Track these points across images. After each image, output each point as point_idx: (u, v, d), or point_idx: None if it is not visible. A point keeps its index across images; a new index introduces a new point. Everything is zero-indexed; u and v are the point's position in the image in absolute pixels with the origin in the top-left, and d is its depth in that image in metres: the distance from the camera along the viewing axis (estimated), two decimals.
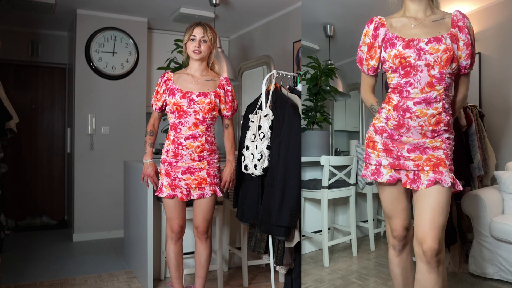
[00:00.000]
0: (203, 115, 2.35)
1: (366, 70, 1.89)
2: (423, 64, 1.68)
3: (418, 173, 1.74)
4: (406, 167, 1.75)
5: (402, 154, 1.76)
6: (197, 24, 2.40)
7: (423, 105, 1.69)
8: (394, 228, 1.89)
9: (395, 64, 1.73)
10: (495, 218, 2.90)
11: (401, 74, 1.72)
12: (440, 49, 1.67)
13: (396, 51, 1.71)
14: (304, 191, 3.54)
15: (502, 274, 2.86)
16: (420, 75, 1.68)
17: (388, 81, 1.80)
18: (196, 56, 2.38)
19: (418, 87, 1.69)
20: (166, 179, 2.39)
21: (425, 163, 1.72)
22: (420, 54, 1.68)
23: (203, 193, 2.41)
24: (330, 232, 3.92)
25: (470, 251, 3.06)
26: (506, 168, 3.22)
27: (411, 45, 1.69)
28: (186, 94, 2.35)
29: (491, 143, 3.58)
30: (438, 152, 1.72)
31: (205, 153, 2.39)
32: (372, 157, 1.83)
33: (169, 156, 2.38)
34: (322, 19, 4.27)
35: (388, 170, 1.79)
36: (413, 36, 1.72)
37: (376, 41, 1.80)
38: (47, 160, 5.53)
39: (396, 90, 1.75)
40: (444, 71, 1.68)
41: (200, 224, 2.46)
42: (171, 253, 2.50)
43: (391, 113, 1.75)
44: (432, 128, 1.70)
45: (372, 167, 1.83)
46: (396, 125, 1.74)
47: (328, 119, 4.03)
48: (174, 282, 2.54)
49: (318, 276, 3.10)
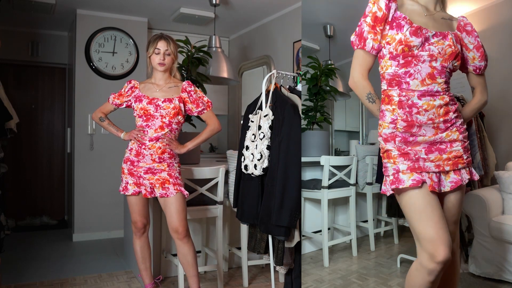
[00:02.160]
0: (169, 119, 2.49)
1: (369, 46, 1.65)
2: (426, 55, 1.58)
3: (439, 175, 1.63)
4: (428, 169, 1.60)
5: (420, 157, 1.61)
6: (160, 38, 2.52)
7: (428, 98, 1.59)
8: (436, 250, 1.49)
9: (396, 50, 1.59)
10: (495, 218, 2.89)
11: (400, 64, 1.60)
12: (445, 44, 1.60)
13: (403, 36, 1.57)
14: (304, 191, 3.54)
15: (502, 274, 2.85)
16: (421, 66, 1.58)
17: (382, 70, 1.67)
18: (161, 68, 2.53)
19: (418, 78, 1.59)
20: (131, 178, 2.51)
21: (445, 163, 1.62)
22: (424, 45, 1.58)
23: (167, 193, 2.46)
24: (330, 232, 3.92)
25: (470, 251, 3.06)
26: (506, 168, 3.22)
27: (418, 33, 1.57)
28: (152, 100, 2.50)
29: (491, 143, 3.58)
30: (457, 147, 1.63)
31: (166, 155, 2.49)
32: (389, 167, 1.64)
33: (132, 155, 2.50)
34: (322, 19, 4.27)
35: (409, 174, 1.59)
36: (423, 24, 1.60)
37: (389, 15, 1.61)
38: (47, 160, 5.53)
39: (394, 82, 1.63)
40: (445, 64, 1.61)
41: (178, 226, 2.47)
42: (136, 247, 2.70)
43: (396, 112, 1.61)
44: (444, 119, 1.61)
45: (390, 178, 1.63)
46: (406, 126, 1.60)
47: (328, 119, 4.03)
48: (143, 274, 2.73)
49: (318, 276, 3.10)
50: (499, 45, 3.72)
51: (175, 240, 2.54)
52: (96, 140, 4.67)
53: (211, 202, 3.06)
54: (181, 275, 2.91)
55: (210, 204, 3.06)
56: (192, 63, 3.43)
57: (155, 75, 2.58)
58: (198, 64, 3.50)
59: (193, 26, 5.07)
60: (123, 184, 2.54)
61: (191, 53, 3.44)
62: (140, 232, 2.65)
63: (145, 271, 2.71)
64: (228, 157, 3.13)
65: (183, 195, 2.50)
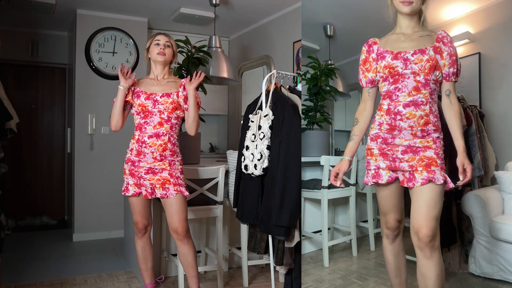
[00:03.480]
0: (167, 114, 2.46)
1: (363, 83, 2.04)
2: (409, 72, 1.86)
3: (413, 173, 1.87)
4: (402, 168, 1.90)
5: (397, 156, 1.90)
6: (160, 33, 2.58)
7: (412, 108, 1.85)
8: (388, 221, 2.09)
9: (385, 74, 1.91)
10: (495, 218, 2.89)
11: (390, 82, 1.90)
12: (423, 59, 1.84)
13: (386, 62, 1.91)
14: (304, 191, 3.54)
15: (502, 274, 2.85)
16: (407, 81, 1.86)
17: (380, 90, 1.98)
18: (161, 58, 2.51)
19: (405, 91, 1.86)
20: (132, 179, 2.49)
21: (418, 164, 1.86)
22: (406, 64, 1.86)
23: (167, 193, 2.45)
24: (330, 232, 3.92)
25: (470, 251, 3.06)
26: (506, 168, 3.22)
27: (398, 57, 1.88)
28: (150, 95, 2.48)
29: (491, 143, 3.58)
30: (430, 152, 1.86)
31: (167, 152, 2.46)
32: (371, 162, 1.99)
33: (133, 155, 2.48)
34: (322, 19, 4.27)
35: (386, 171, 1.94)
36: (401, 49, 1.90)
37: (370, 56, 2.00)
38: (47, 160, 5.53)
39: (387, 96, 1.93)
40: (428, 77, 1.85)
41: (178, 226, 2.47)
42: (137, 247, 2.69)
43: (383, 118, 1.92)
44: (421, 128, 1.86)
45: (372, 172, 1.99)
46: (389, 129, 1.90)
47: (328, 119, 4.02)
48: (143, 274, 2.72)
49: (318, 276, 3.10)
50: (498, 45, 3.72)
51: (175, 240, 2.54)
52: (96, 140, 4.67)
53: (211, 202, 3.06)
54: (181, 275, 2.91)
55: (210, 204, 3.06)
56: (192, 63, 3.43)
57: (153, 70, 2.57)
58: (198, 64, 3.50)
59: (193, 26, 5.07)
60: (124, 184, 2.53)
61: (191, 53, 3.44)
62: (142, 233, 2.64)
63: (146, 271, 2.71)
64: (228, 157, 3.13)
65: (184, 196, 2.49)
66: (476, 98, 3.84)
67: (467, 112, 3.27)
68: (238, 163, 2.69)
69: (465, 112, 3.25)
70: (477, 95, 3.84)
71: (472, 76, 3.86)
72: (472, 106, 3.41)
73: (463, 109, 3.22)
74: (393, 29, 2.02)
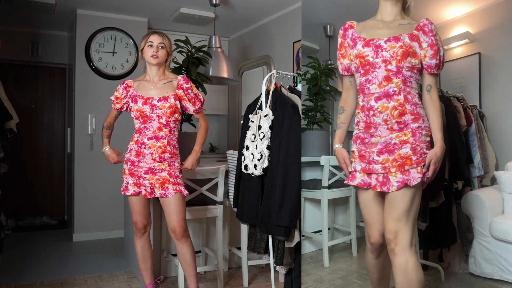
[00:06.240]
0: (166, 119, 2.45)
1: (340, 70, 1.96)
2: (380, 61, 1.75)
3: (387, 176, 1.76)
4: (375, 170, 1.79)
5: (373, 159, 1.80)
6: (154, 32, 2.51)
7: (384, 100, 1.74)
8: (372, 235, 1.91)
9: (356, 64, 1.82)
10: (495, 218, 2.89)
11: (361, 73, 1.81)
12: (396, 45, 1.73)
13: (356, 51, 1.81)
14: (304, 191, 3.54)
15: (502, 274, 2.86)
16: (378, 71, 1.75)
17: (356, 85, 1.89)
18: (154, 60, 2.47)
19: (376, 83, 1.76)
20: (131, 178, 2.49)
21: (392, 165, 1.74)
22: (377, 52, 1.75)
23: (166, 193, 2.45)
24: (330, 232, 3.92)
25: (470, 251, 3.06)
26: (506, 168, 3.22)
27: (370, 44, 1.77)
28: (147, 100, 2.45)
29: (491, 143, 3.58)
30: (405, 149, 1.73)
31: (166, 155, 2.46)
32: (353, 164, 1.91)
33: (132, 155, 2.48)
34: (322, 19, 4.27)
35: (361, 174, 1.85)
36: (376, 36, 1.79)
37: (346, 41, 1.90)
38: (47, 160, 5.53)
39: (360, 91, 1.84)
40: (400, 64, 1.72)
41: (176, 226, 2.47)
42: (137, 247, 2.68)
43: (360, 116, 1.84)
44: (397, 120, 1.74)
45: (350, 173, 1.92)
46: (365, 127, 1.82)
47: (328, 119, 4.02)
48: (143, 274, 2.72)
49: (318, 276, 3.10)
50: (498, 45, 3.72)
51: (173, 239, 2.54)
52: (96, 140, 4.67)
53: (211, 202, 3.06)
54: (181, 275, 2.91)
55: (210, 204, 3.06)
56: (192, 63, 3.43)
57: (149, 71, 2.52)
58: (198, 64, 3.50)
59: (193, 26, 5.07)
60: (124, 184, 2.53)
61: (191, 53, 3.44)
62: (141, 233, 2.64)
63: (145, 271, 2.71)
64: (228, 157, 3.13)
65: (183, 195, 2.49)
66: (476, 98, 3.84)
67: (467, 112, 3.27)
68: (238, 163, 2.69)
69: (465, 112, 3.25)
70: (477, 95, 3.84)
71: (472, 76, 3.86)
72: (472, 106, 3.41)
73: (463, 109, 3.22)
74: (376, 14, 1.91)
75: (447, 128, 2.93)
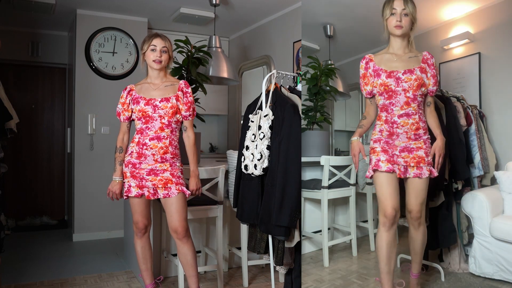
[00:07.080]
0: (168, 119, 2.46)
1: (364, 94, 2.48)
2: (400, 89, 2.32)
3: (407, 167, 2.37)
4: (398, 162, 2.36)
5: (395, 154, 2.37)
6: (156, 35, 2.51)
7: (405, 118, 2.33)
8: (386, 209, 2.35)
9: (380, 90, 2.36)
10: (495, 218, 2.89)
11: (385, 97, 2.36)
12: (412, 78, 2.31)
13: (381, 80, 2.35)
14: (304, 191, 3.54)
15: (502, 274, 2.85)
16: (399, 97, 2.33)
17: (377, 103, 2.43)
18: (157, 65, 2.48)
19: (398, 106, 2.33)
20: (133, 180, 2.48)
21: (411, 161, 2.35)
22: (398, 83, 2.32)
23: (169, 193, 2.44)
24: (330, 232, 3.92)
25: (470, 251, 3.06)
26: (506, 168, 3.21)
27: (392, 75, 2.33)
28: (150, 101, 2.46)
29: (491, 143, 3.57)
30: (420, 152, 2.35)
31: (168, 155, 2.46)
32: (373, 158, 2.39)
33: (133, 157, 2.46)
34: (322, 19, 4.27)
35: (386, 163, 2.36)
36: (394, 68, 2.35)
37: (368, 72, 2.43)
38: (47, 160, 5.53)
39: (383, 109, 2.39)
40: (416, 93, 2.32)
41: (178, 226, 2.47)
42: (137, 247, 2.67)
43: (383, 126, 2.39)
44: (414, 133, 2.35)
45: (373, 164, 2.37)
46: (389, 134, 2.38)
47: (328, 119, 4.02)
48: (143, 274, 2.70)
49: (318, 276, 3.10)
50: (498, 45, 3.71)
51: (175, 239, 2.54)
52: (96, 140, 4.67)
53: (211, 202, 3.06)
54: (181, 275, 2.91)
55: (210, 204, 3.06)
56: (192, 63, 3.43)
57: (150, 74, 2.53)
58: (198, 64, 3.50)
59: (193, 26, 5.07)
60: (126, 187, 2.51)
61: (191, 53, 3.44)
62: (141, 233, 2.63)
63: (145, 271, 2.70)
64: (228, 157, 3.13)
65: (185, 195, 2.49)
66: (476, 98, 3.84)
67: (467, 112, 3.27)
68: (238, 163, 2.69)
69: (465, 112, 3.25)
70: (477, 95, 3.84)
71: (472, 76, 3.86)
72: (472, 106, 3.41)
73: (463, 109, 3.23)
74: (387, 47, 2.44)
75: (447, 128, 2.93)
